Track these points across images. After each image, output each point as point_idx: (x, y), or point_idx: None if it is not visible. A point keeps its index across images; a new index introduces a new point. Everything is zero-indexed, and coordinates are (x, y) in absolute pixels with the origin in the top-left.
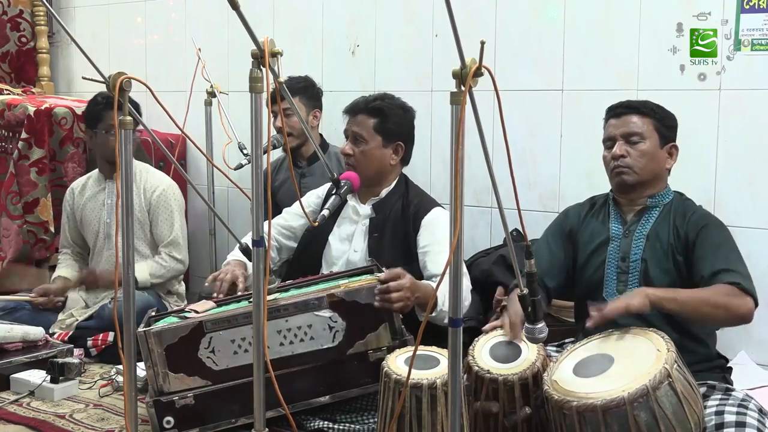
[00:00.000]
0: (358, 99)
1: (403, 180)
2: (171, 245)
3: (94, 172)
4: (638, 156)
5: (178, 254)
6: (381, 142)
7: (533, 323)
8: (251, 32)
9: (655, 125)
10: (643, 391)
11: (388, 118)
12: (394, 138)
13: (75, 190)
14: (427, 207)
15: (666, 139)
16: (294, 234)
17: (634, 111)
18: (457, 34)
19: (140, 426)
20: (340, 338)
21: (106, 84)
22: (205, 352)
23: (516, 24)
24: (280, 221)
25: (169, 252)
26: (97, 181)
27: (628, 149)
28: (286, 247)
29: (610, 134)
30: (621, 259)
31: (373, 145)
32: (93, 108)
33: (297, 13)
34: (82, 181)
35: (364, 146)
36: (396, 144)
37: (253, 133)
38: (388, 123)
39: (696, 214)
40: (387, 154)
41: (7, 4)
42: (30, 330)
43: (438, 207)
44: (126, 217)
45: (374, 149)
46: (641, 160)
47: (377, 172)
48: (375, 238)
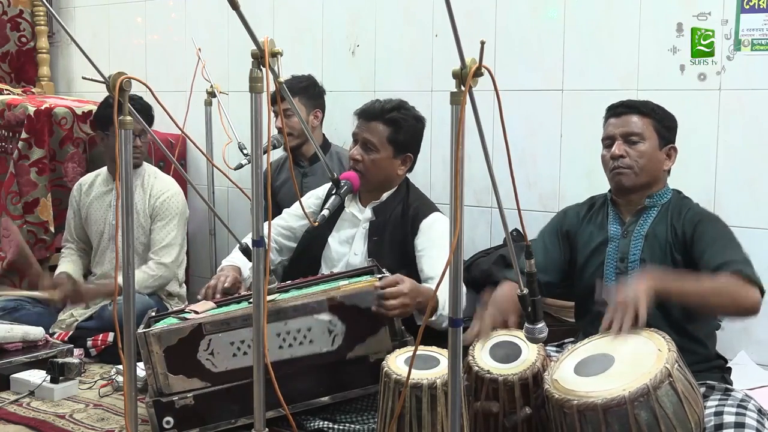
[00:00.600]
0: (374, 104)
1: (404, 183)
2: (162, 249)
3: (103, 170)
4: (637, 156)
5: (167, 258)
6: (392, 152)
7: (533, 323)
8: (251, 32)
9: (655, 126)
10: (644, 390)
11: (402, 130)
12: (405, 150)
13: (82, 187)
14: (426, 211)
15: (665, 140)
16: (294, 234)
17: (634, 111)
18: (457, 34)
19: (140, 426)
20: (340, 342)
21: (106, 84)
22: (204, 354)
23: (516, 24)
24: (279, 222)
25: (159, 258)
26: (105, 181)
27: (627, 149)
28: (286, 248)
29: (610, 133)
30: (620, 259)
31: (384, 155)
32: (104, 111)
33: (297, 13)
34: (90, 178)
35: (374, 155)
36: (406, 155)
37: (253, 133)
38: (401, 135)
39: (691, 212)
40: (396, 164)
41: (7, 4)
42: (30, 330)
43: (437, 212)
44: (126, 217)
45: (384, 159)
46: (640, 161)
47: (383, 181)
48: (375, 242)
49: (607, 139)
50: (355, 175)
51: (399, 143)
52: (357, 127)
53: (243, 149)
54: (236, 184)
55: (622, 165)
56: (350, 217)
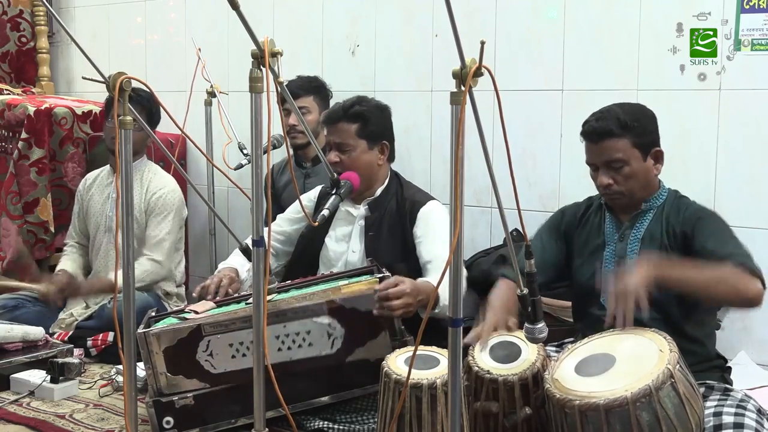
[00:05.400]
0: (334, 107)
1: (395, 177)
2: (154, 246)
3: (107, 166)
4: (624, 180)
5: (159, 256)
6: (366, 145)
7: (533, 323)
8: (251, 32)
9: (633, 142)
10: (646, 391)
11: (369, 121)
12: (378, 139)
13: (87, 181)
14: (422, 201)
15: (648, 147)
16: (289, 239)
17: (607, 135)
18: (457, 34)
19: (140, 426)
20: (339, 345)
21: (106, 84)
22: (203, 355)
23: (516, 24)
24: (274, 228)
25: (151, 255)
26: (108, 174)
27: (613, 176)
28: (283, 253)
29: (592, 161)
30: (617, 262)
31: (359, 150)
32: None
33: (297, 13)
34: (96, 173)
35: (351, 153)
36: (381, 144)
37: (253, 133)
38: (369, 126)
39: (690, 210)
40: (374, 155)
41: (7, 4)
42: (30, 330)
43: (434, 200)
44: (126, 217)
45: (361, 154)
46: (628, 183)
47: (368, 175)
48: (371, 237)
49: (591, 164)
50: (356, 174)
51: (370, 134)
52: (326, 135)
53: (243, 149)
54: (236, 184)
55: (612, 192)
56: (345, 215)
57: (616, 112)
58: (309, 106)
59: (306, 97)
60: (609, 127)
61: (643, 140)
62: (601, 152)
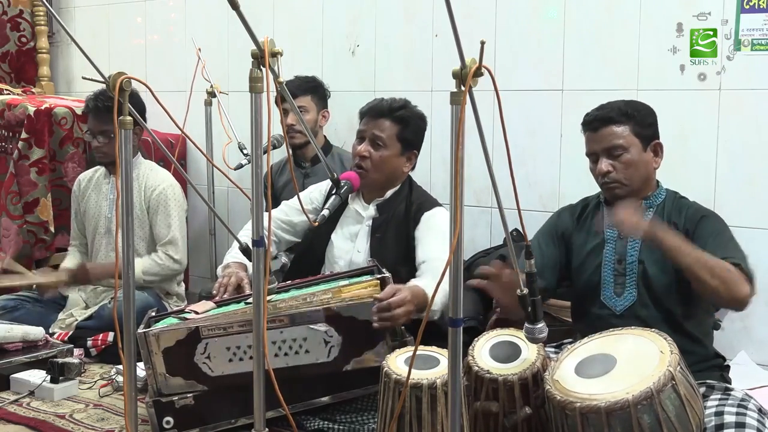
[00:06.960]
0: (380, 102)
1: (407, 181)
2: (168, 244)
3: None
4: (624, 168)
5: (175, 254)
6: (399, 150)
7: (533, 323)
8: (251, 32)
9: (634, 130)
10: (648, 393)
11: (409, 128)
12: (411, 147)
13: (82, 182)
14: (428, 205)
15: (648, 139)
16: (293, 229)
17: (609, 122)
18: (457, 34)
19: (140, 426)
20: (336, 353)
21: (106, 84)
22: (201, 358)
23: (516, 24)
24: (279, 215)
25: (166, 251)
26: (104, 175)
27: (612, 163)
28: (285, 241)
29: (592, 149)
30: (617, 261)
31: (392, 152)
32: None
33: (297, 13)
34: (89, 173)
35: (383, 152)
36: (411, 153)
37: (253, 133)
38: (408, 133)
39: (692, 209)
40: (402, 161)
41: (7, 4)
42: (30, 330)
43: (440, 206)
44: (126, 217)
45: (392, 156)
46: (628, 171)
47: (389, 178)
48: (377, 239)
49: (591, 155)
50: (355, 175)
51: (406, 141)
52: (363, 125)
53: (243, 149)
54: (236, 184)
55: (611, 180)
56: (354, 214)
57: (617, 103)
58: (307, 106)
59: (304, 96)
60: (610, 115)
61: (644, 130)
62: (602, 139)
